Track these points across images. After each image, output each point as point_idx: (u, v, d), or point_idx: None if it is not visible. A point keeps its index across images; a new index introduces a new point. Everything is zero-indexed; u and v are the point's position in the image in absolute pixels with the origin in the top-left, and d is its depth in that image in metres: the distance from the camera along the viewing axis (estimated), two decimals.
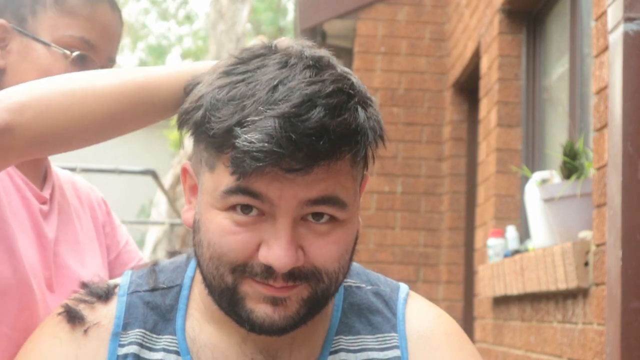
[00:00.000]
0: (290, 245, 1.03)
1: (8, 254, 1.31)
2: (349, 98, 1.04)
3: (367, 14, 5.70)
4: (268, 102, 1.01)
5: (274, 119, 0.99)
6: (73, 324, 1.15)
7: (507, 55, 4.30)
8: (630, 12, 2.27)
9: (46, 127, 1.13)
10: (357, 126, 1.03)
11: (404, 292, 1.23)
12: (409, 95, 5.64)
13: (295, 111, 1.00)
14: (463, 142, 5.53)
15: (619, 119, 2.26)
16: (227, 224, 1.05)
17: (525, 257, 3.31)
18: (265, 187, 1.02)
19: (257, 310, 1.07)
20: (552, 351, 3.05)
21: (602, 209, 2.48)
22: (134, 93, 1.16)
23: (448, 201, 5.50)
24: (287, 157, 0.99)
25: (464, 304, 5.38)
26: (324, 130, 1.00)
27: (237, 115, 1.01)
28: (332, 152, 1.01)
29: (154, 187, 8.04)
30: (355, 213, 1.10)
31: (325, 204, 1.04)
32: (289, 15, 16.53)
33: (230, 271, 1.06)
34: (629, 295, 2.21)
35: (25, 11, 1.43)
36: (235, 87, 1.04)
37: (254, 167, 1.00)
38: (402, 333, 1.19)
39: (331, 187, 1.04)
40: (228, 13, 9.92)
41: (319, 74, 1.05)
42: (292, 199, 1.03)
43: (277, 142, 0.99)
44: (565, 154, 2.94)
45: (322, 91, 1.02)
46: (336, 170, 1.04)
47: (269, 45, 1.10)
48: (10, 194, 1.37)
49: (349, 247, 1.09)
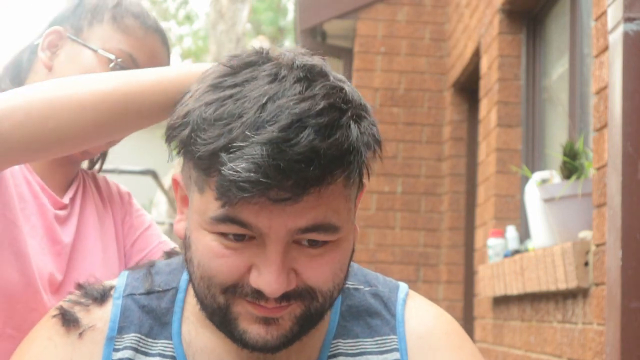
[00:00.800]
0: (281, 272, 1.00)
1: (16, 257, 1.32)
2: (341, 114, 0.99)
3: (367, 14, 5.70)
4: (255, 125, 0.97)
5: (261, 146, 0.95)
6: (68, 326, 1.14)
7: (507, 55, 4.30)
8: (630, 12, 2.27)
9: (24, 136, 1.12)
10: (349, 145, 0.99)
11: (403, 292, 1.21)
12: (409, 95, 5.64)
13: (283, 135, 0.95)
14: (463, 142, 5.53)
15: (619, 119, 2.26)
16: (215, 246, 1.02)
17: (525, 257, 3.31)
18: (253, 217, 0.99)
19: (250, 330, 1.05)
20: (552, 351, 3.05)
21: (602, 209, 2.48)
22: (116, 102, 1.14)
23: (448, 201, 5.50)
24: (275, 187, 0.96)
25: (464, 304, 5.38)
26: (314, 154, 0.96)
27: (224, 139, 0.97)
28: (322, 178, 0.97)
29: (154, 187, 8.04)
30: (350, 229, 1.07)
31: (316, 231, 1.01)
32: (289, 15, 16.53)
33: (221, 292, 1.04)
34: (629, 295, 2.21)
35: (83, 23, 1.52)
36: (222, 105, 1.00)
37: (240, 197, 0.96)
38: (401, 335, 1.17)
39: (321, 215, 1.00)
40: (228, 13, 9.92)
41: (310, 87, 1.00)
42: (282, 227, 0.99)
43: (264, 172, 0.95)
44: (565, 154, 2.94)
45: (312, 109, 0.97)
46: (327, 195, 1.00)
47: (260, 52, 1.07)
48: (25, 200, 1.39)
49: (343, 265, 1.07)
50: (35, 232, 1.39)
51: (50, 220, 1.42)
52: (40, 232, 1.40)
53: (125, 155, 8.21)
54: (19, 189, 1.39)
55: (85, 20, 1.52)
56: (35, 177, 1.44)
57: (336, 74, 1.07)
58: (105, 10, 1.52)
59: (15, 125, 1.11)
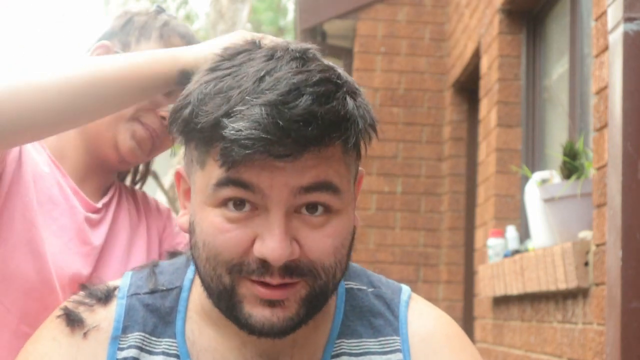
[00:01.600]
0: (284, 237, 1.02)
1: (33, 256, 1.37)
2: (337, 87, 1.03)
3: (367, 14, 5.70)
4: (255, 92, 1.00)
5: (260, 107, 0.99)
6: (72, 327, 1.14)
7: (507, 55, 4.30)
8: (630, 12, 2.27)
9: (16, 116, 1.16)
10: (346, 113, 1.02)
11: (406, 294, 1.22)
12: (409, 95, 5.64)
13: (282, 99, 0.99)
14: (463, 142, 5.53)
15: (619, 119, 2.26)
16: (219, 221, 1.04)
17: (525, 257, 3.31)
18: (255, 176, 1.01)
19: (255, 314, 1.06)
20: (552, 351, 3.05)
21: (602, 209, 2.48)
22: (80, 87, 1.19)
23: (448, 201, 5.50)
24: (276, 144, 0.98)
25: (464, 304, 5.38)
26: (312, 117, 0.99)
27: (225, 107, 1.01)
28: (321, 138, 1.00)
29: (154, 187, 8.05)
30: (350, 204, 1.09)
31: (318, 190, 1.03)
32: (289, 15, 16.53)
33: (227, 271, 1.05)
34: (629, 295, 2.21)
35: (131, 39, 1.57)
36: (221, 81, 1.03)
37: (242, 154, 0.99)
38: (404, 336, 1.18)
39: (323, 173, 1.03)
40: (228, 13, 9.92)
41: (305, 64, 1.04)
42: (284, 187, 1.01)
43: (264, 129, 0.98)
44: (565, 154, 2.94)
45: (309, 80, 1.01)
46: (327, 157, 1.03)
47: (252, 42, 1.11)
48: (55, 202, 1.44)
49: (345, 241, 1.08)
50: (63, 232, 1.43)
51: (80, 221, 1.46)
52: (69, 233, 1.44)
53: None
54: (49, 191, 1.43)
55: (133, 36, 1.57)
56: (68, 181, 1.48)
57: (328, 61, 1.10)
58: (153, 29, 1.57)
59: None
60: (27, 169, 1.42)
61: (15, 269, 1.37)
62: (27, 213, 1.38)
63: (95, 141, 1.52)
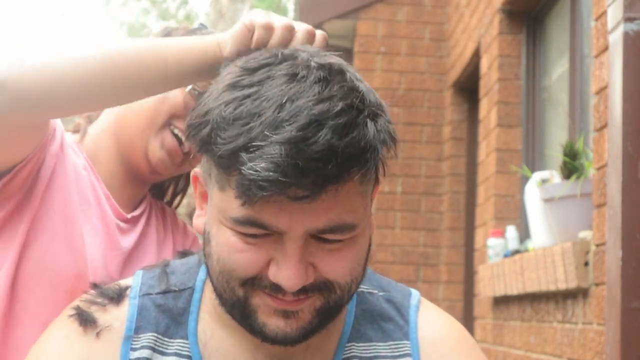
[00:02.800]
0: (300, 266, 1.02)
1: (69, 249, 1.38)
2: (358, 113, 1.01)
3: (367, 14, 5.70)
4: (274, 125, 0.98)
5: (280, 145, 0.97)
6: (85, 326, 1.14)
7: (507, 55, 4.30)
8: (630, 12, 2.27)
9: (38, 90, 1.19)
10: (366, 143, 1.00)
11: (416, 298, 1.23)
12: (409, 95, 5.64)
13: (301, 135, 0.97)
14: (463, 142, 5.53)
15: (619, 119, 2.26)
16: (235, 241, 1.04)
17: (525, 257, 3.31)
18: (274, 218, 1.00)
19: (270, 323, 1.06)
20: (552, 351, 3.05)
21: (602, 209, 2.48)
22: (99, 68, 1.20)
23: (448, 201, 5.50)
24: (294, 186, 0.97)
25: (464, 304, 5.38)
26: (332, 153, 0.97)
27: (243, 139, 0.99)
28: (340, 175, 0.99)
29: None
30: (367, 224, 1.08)
31: (333, 232, 1.03)
32: (289, 15, 16.53)
33: (240, 285, 1.05)
34: (629, 295, 2.21)
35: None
36: (241, 104, 1.01)
37: (259, 195, 0.98)
38: (414, 341, 1.18)
39: (337, 216, 1.02)
40: (228, 13, 9.92)
41: (328, 87, 1.02)
42: (300, 227, 1.01)
43: (282, 171, 0.96)
44: (565, 154, 2.94)
45: (331, 110, 0.99)
46: (344, 194, 1.01)
47: (275, 54, 1.08)
48: (89, 203, 1.44)
49: (360, 260, 1.08)
50: (95, 232, 1.44)
51: (112, 226, 1.47)
52: (101, 235, 1.44)
53: None
54: (83, 191, 1.44)
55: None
56: (102, 186, 1.48)
57: (353, 71, 1.08)
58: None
59: (32, 79, 1.19)
60: (69, 165, 1.42)
61: (50, 262, 1.37)
62: (67, 208, 1.39)
63: (128, 149, 1.50)
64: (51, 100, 1.22)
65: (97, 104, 1.30)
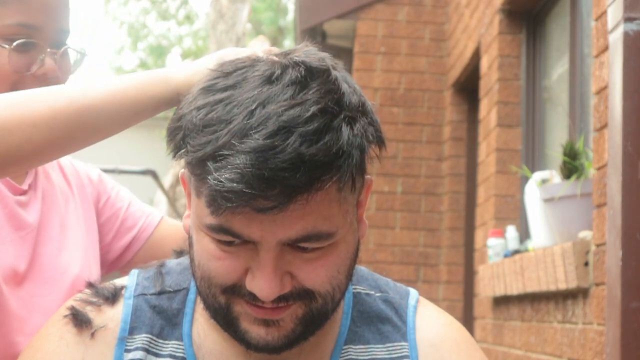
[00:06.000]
0: (274, 277, 1.00)
1: None
2: (332, 118, 0.97)
3: (367, 14, 5.70)
4: (242, 133, 0.96)
5: (245, 155, 0.94)
6: (80, 327, 1.13)
7: (507, 55, 4.30)
8: (630, 12, 2.27)
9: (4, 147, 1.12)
10: (338, 149, 0.96)
11: (414, 298, 1.20)
12: (409, 95, 5.64)
13: (268, 143, 0.94)
14: (463, 142, 5.53)
15: (619, 119, 2.26)
16: (213, 248, 1.03)
17: (525, 257, 3.31)
18: (245, 227, 0.98)
19: (251, 331, 1.05)
20: (552, 351, 3.05)
21: (602, 209, 2.48)
22: (69, 119, 1.14)
23: (448, 201, 5.50)
24: (260, 197, 0.95)
25: (464, 304, 5.38)
26: (300, 162, 0.94)
27: (211, 147, 0.97)
28: (310, 184, 0.95)
29: (154, 187, 8.04)
30: (348, 231, 1.05)
31: (307, 241, 1.00)
32: (289, 15, 16.52)
33: (221, 292, 1.05)
34: (629, 295, 2.21)
35: None
36: (212, 110, 0.99)
37: (225, 207, 0.96)
38: (412, 342, 1.16)
39: (311, 224, 0.99)
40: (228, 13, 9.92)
41: (303, 90, 0.99)
42: (272, 237, 0.99)
43: (247, 182, 0.94)
44: (565, 154, 2.94)
45: (302, 116, 0.96)
46: (317, 203, 0.98)
47: (255, 58, 1.05)
48: None
49: (341, 267, 1.05)
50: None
51: (11, 205, 1.38)
52: (2, 221, 1.36)
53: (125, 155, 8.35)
54: None
55: None
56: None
57: (342, 71, 1.06)
58: None
59: None
60: None
61: None
62: None
63: None
64: (16, 156, 1.15)
65: (63, 154, 1.23)
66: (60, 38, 1.43)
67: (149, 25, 18.89)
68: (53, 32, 1.41)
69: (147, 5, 18.54)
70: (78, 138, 1.17)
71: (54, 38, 1.42)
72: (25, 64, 1.38)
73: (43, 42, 1.40)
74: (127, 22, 18.55)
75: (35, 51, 1.38)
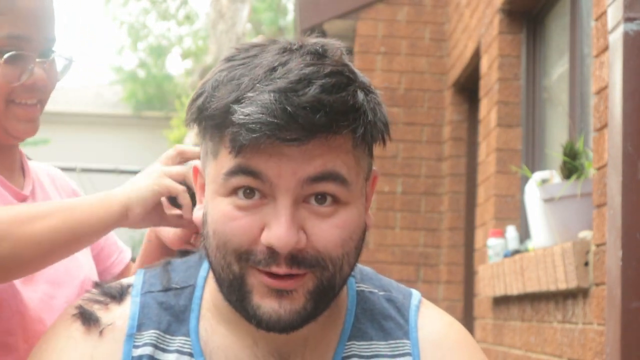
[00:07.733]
0: (291, 225, 1.03)
1: None
2: (348, 81, 1.05)
3: (367, 14, 5.70)
4: (265, 80, 1.03)
5: (269, 93, 1.01)
6: (88, 325, 1.15)
7: (507, 55, 4.30)
8: (630, 12, 2.27)
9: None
10: (355, 103, 1.04)
11: (416, 299, 1.23)
12: (409, 95, 5.64)
13: (292, 87, 1.01)
14: (463, 142, 5.53)
15: (619, 119, 2.27)
16: (229, 209, 1.06)
17: (525, 257, 3.31)
18: (263, 164, 1.03)
19: (264, 305, 1.07)
20: (552, 351, 3.05)
21: (602, 209, 2.48)
22: (67, 233, 1.25)
23: (448, 201, 5.50)
24: (283, 128, 1.00)
25: (464, 304, 5.38)
26: (320, 105, 1.01)
27: (235, 93, 1.03)
28: (329, 125, 1.02)
29: None
30: (360, 199, 1.09)
31: (325, 180, 1.04)
32: (289, 15, 16.52)
33: (236, 259, 1.06)
34: (629, 295, 2.21)
35: None
36: (235, 69, 1.06)
37: (249, 138, 1.01)
38: (414, 341, 1.18)
39: (330, 163, 1.04)
40: (228, 13, 9.93)
41: (320, 59, 1.06)
42: (291, 176, 1.03)
43: (272, 113, 1.00)
44: (565, 154, 2.94)
45: (321, 72, 1.03)
46: (335, 147, 1.04)
47: (270, 40, 1.12)
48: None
49: (353, 234, 1.08)
50: None
51: None
52: None
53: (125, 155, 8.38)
54: None
55: None
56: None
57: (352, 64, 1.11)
58: None
59: None
60: None
61: None
62: None
63: None
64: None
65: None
66: (48, 47, 1.44)
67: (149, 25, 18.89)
68: (41, 41, 1.42)
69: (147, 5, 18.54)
70: (75, 243, 1.29)
71: (42, 47, 1.42)
72: (15, 75, 1.39)
73: (32, 52, 1.40)
74: (127, 22, 18.56)
75: (25, 62, 1.39)
